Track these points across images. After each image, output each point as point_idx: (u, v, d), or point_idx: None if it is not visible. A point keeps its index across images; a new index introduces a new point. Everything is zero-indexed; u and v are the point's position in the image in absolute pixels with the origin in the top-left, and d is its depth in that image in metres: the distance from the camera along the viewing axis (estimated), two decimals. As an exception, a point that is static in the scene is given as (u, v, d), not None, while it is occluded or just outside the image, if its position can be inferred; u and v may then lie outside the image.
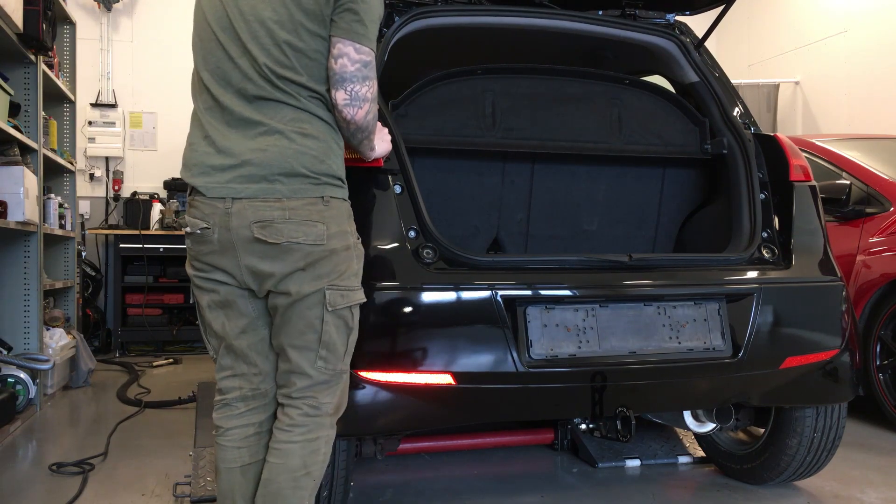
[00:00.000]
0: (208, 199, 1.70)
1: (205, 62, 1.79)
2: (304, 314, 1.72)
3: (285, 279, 1.70)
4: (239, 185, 1.68)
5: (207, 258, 1.74)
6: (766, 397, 2.39)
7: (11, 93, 3.78)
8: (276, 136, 1.69)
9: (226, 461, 1.81)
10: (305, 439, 1.75)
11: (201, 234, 1.71)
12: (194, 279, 1.79)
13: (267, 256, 1.69)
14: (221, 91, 1.75)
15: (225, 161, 1.70)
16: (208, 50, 1.79)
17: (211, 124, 1.75)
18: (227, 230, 1.69)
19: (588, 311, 2.20)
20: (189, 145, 1.78)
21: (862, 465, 3.08)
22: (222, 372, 1.84)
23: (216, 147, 1.72)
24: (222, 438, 1.82)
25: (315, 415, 1.77)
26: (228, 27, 1.75)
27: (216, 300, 1.77)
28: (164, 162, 6.57)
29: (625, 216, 2.86)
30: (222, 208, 1.68)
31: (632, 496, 2.74)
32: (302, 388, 1.76)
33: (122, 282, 6.06)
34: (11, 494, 2.75)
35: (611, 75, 2.81)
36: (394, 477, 2.93)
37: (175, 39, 6.62)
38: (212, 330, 1.82)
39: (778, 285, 2.35)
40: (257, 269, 1.70)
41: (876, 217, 3.78)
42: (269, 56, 1.70)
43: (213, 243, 1.71)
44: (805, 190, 2.54)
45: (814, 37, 6.56)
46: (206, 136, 1.74)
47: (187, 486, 2.70)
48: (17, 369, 3.79)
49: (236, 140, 1.70)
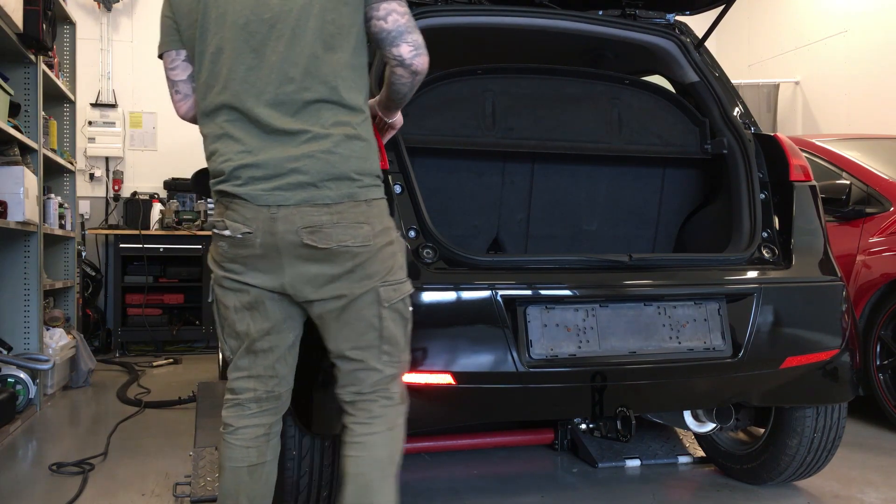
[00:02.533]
0: (251, 204, 1.68)
1: (230, 69, 1.71)
2: (362, 314, 1.73)
3: (336, 283, 1.70)
4: (287, 192, 1.67)
5: (245, 260, 1.72)
6: (766, 397, 2.39)
7: (11, 93, 3.78)
8: (321, 141, 1.68)
9: (233, 460, 1.81)
10: (387, 429, 1.78)
11: (242, 238, 1.69)
12: (222, 280, 1.77)
13: (315, 261, 1.68)
14: (254, 101, 1.69)
15: (268, 171, 1.67)
16: (235, 56, 1.70)
17: (243, 136, 1.70)
18: (271, 235, 1.67)
19: (588, 311, 2.20)
20: (219, 156, 1.73)
21: (862, 465, 3.08)
22: (238, 372, 1.83)
23: (255, 158, 1.68)
24: (231, 437, 1.81)
25: (391, 405, 1.79)
26: (261, 28, 1.69)
27: (245, 301, 1.76)
28: (164, 162, 6.58)
29: (625, 216, 2.86)
30: (267, 213, 1.67)
31: (632, 496, 2.74)
32: (373, 384, 1.77)
33: (122, 282, 6.06)
34: (11, 494, 2.75)
35: (611, 75, 2.81)
36: (394, 477, 2.93)
37: (175, 39, 6.63)
38: (233, 331, 1.80)
39: (778, 285, 2.35)
40: (304, 273, 1.69)
41: (876, 217, 3.78)
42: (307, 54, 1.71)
43: (255, 247, 1.70)
44: (805, 190, 2.55)
45: (814, 37, 6.56)
46: (243, 151, 1.69)
47: (187, 486, 2.70)
48: (17, 369, 3.78)
49: (278, 150, 1.68)
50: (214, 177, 1.75)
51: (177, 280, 6.21)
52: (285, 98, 1.68)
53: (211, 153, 1.76)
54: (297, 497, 2.11)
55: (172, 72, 1.84)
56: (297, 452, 2.06)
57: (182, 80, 1.83)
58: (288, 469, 2.07)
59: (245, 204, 1.69)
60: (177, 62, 1.82)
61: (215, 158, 1.74)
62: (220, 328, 1.85)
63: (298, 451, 2.06)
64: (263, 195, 1.67)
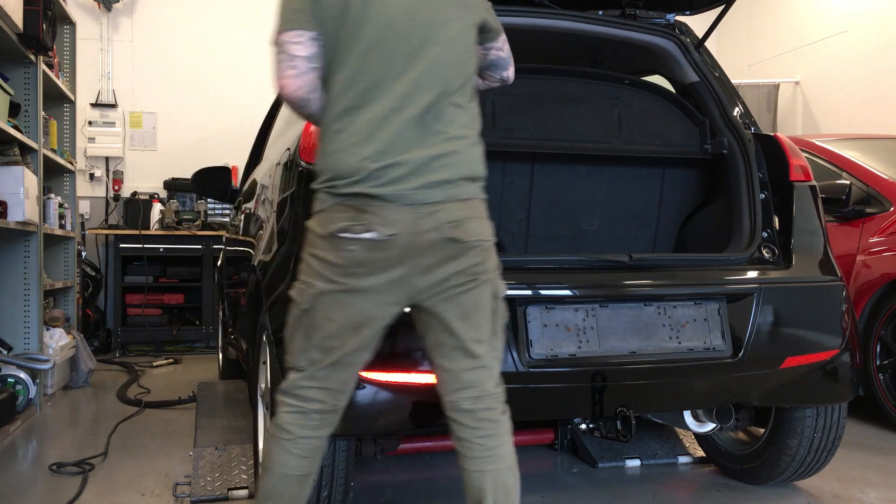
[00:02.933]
0: (394, 204, 1.68)
1: (383, 69, 1.73)
2: (480, 305, 1.78)
3: (465, 276, 1.74)
4: (431, 190, 1.71)
5: (375, 265, 1.69)
6: (766, 397, 2.39)
7: (11, 93, 3.78)
8: (455, 142, 1.76)
9: (286, 467, 1.78)
10: (508, 432, 1.83)
11: (384, 241, 1.68)
12: (335, 293, 1.71)
13: (451, 257, 1.72)
14: (400, 102, 1.72)
15: (411, 170, 1.70)
16: (389, 57, 1.74)
17: (386, 135, 1.71)
18: (415, 234, 1.69)
19: (588, 311, 2.20)
20: (351, 155, 1.70)
21: (862, 465, 3.08)
22: (311, 381, 1.78)
23: (398, 158, 1.70)
24: (291, 445, 1.78)
25: (506, 409, 1.84)
26: (414, 34, 1.76)
27: (354, 320, 1.72)
28: (164, 162, 6.58)
29: (625, 216, 2.86)
30: (411, 213, 1.68)
31: (632, 496, 2.74)
32: (491, 385, 1.81)
33: (122, 282, 6.06)
34: (11, 494, 2.75)
35: (611, 75, 2.81)
36: (394, 477, 2.93)
37: (175, 39, 6.63)
38: (325, 346, 1.74)
39: (778, 285, 2.35)
40: (438, 270, 1.72)
41: (876, 217, 3.78)
42: (455, 58, 1.80)
43: (394, 249, 1.68)
44: (805, 190, 2.55)
45: (814, 37, 6.56)
46: (382, 151, 1.70)
47: (187, 486, 2.70)
48: (17, 369, 3.79)
49: (421, 150, 1.72)
50: (341, 178, 1.69)
51: (177, 280, 6.21)
52: (430, 102, 1.74)
53: (335, 151, 1.71)
54: (297, 497, 2.11)
55: (296, 46, 1.73)
56: (298, 452, 2.06)
57: (302, 57, 1.73)
58: (288, 469, 2.07)
59: (386, 205, 1.68)
60: (303, 39, 1.73)
61: (344, 157, 1.70)
62: (303, 338, 1.76)
63: (298, 451, 2.06)
64: (408, 194, 1.69)
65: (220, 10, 6.72)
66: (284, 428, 1.79)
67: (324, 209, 1.73)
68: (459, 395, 1.79)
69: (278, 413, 1.80)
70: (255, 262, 2.55)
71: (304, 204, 2.12)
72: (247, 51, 6.69)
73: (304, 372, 1.78)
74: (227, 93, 6.62)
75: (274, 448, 1.80)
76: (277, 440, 1.79)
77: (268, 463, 1.81)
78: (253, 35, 6.74)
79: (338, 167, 1.70)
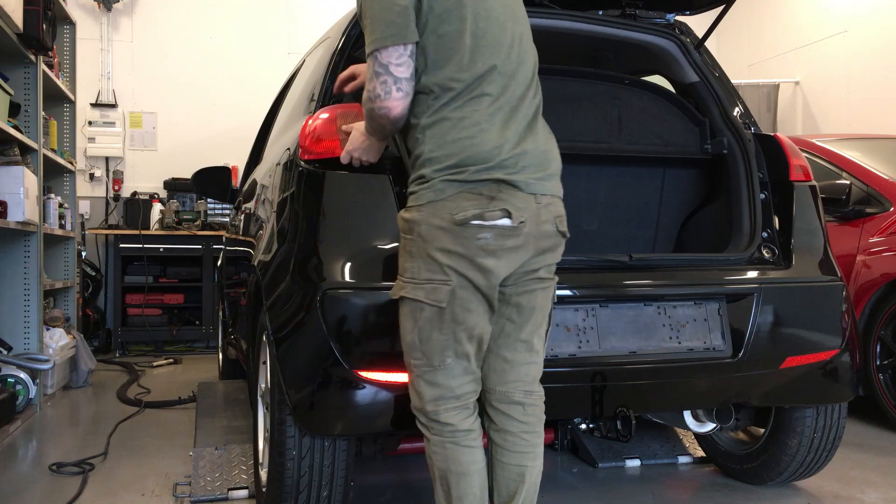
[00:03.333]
0: (522, 192, 1.70)
1: (493, 56, 1.76)
2: (547, 305, 1.86)
3: (547, 272, 1.82)
4: (547, 182, 1.76)
5: (501, 253, 1.69)
6: (766, 397, 2.39)
7: (11, 93, 3.78)
8: (550, 139, 1.84)
9: (477, 462, 1.77)
10: (543, 429, 1.87)
11: (515, 229, 1.69)
12: (469, 285, 1.69)
13: (550, 249, 1.79)
14: (513, 89, 1.77)
15: (534, 161, 1.74)
16: (497, 47, 1.78)
17: (509, 125, 1.74)
18: (536, 224, 1.73)
19: (588, 311, 2.20)
20: (482, 143, 1.69)
21: (862, 465, 3.08)
22: (466, 376, 1.77)
23: (523, 148, 1.73)
24: (472, 440, 1.77)
25: (543, 402, 1.88)
26: (509, 26, 1.82)
27: (485, 302, 1.73)
28: (164, 162, 6.58)
29: (625, 216, 2.86)
30: (534, 201, 1.72)
31: (632, 496, 2.74)
32: (538, 384, 1.85)
33: (122, 282, 6.06)
34: (11, 494, 2.75)
35: (611, 75, 2.81)
36: (394, 477, 2.93)
37: (175, 39, 6.63)
38: (472, 335, 1.73)
39: (778, 285, 2.35)
40: (534, 260, 1.77)
41: (876, 217, 3.78)
42: (534, 54, 1.87)
43: (520, 237, 1.70)
44: (805, 190, 2.54)
45: (814, 37, 6.56)
46: (508, 141, 1.71)
47: (187, 486, 2.70)
48: (17, 369, 3.79)
49: (535, 142, 1.77)
50: (472, 164, 1.67)
51: (177, 280, 6.21)
52: (531, 98, 1.81)
53: (463, 138, 1.68)
54: (297, 497, 2.11)
55: (399, 68, 1.68)
56: (297, 452, 2.06)
57: (406, 78, 1.69)
58: (288, 469, 2.07)
59: (515, 193, 1.69)
60: (404, 57, 1.69)
61: (476, 144, 1.68)
62: (444, 335, 1.72)
63: (298, 451, 2.06)
64: (534, 183, 1.72)
65: (219, 10, 6.72)
66: (465, 429, 1.76)
67: (443, 199, 1.67)
68: (514, 386, 1.81)
69: (438, 423, 1.75)
70: (255, 262, 2.55)
71: (305, 204, 2.12)
72: (247, 51, 6.70)
73: (460, 367, 1.74)
74: (227, 93, 6.63)
75: (459, 453, 1.75)
76: (458, 445, 1.75)
77: (459, 469, 1.75)
78: (253, 35, 6.75)
79: (468, 153, 1.67)
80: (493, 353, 1.82)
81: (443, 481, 1.78)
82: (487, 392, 1.84)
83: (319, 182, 2.08)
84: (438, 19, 1.71)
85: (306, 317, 2.00)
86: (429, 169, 1.69)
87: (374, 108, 1.73)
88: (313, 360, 2.00)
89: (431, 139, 1.70)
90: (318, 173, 2.09)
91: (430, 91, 1.72)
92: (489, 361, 1.83)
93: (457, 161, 1.67)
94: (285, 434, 2.06)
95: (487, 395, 1.84)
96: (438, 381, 1.75)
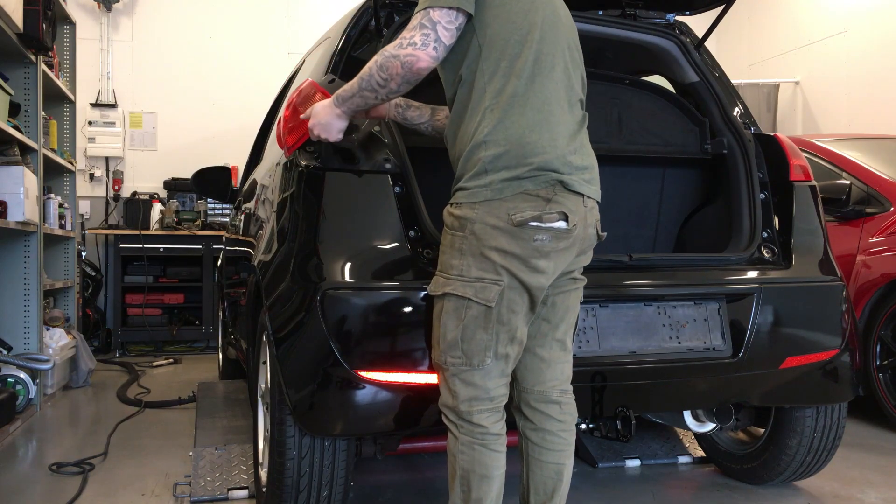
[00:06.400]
0: (574, 194, 1.72)
1: (552, 55, 1.79)
2: (577, 307, 1.90)
3: (580, 273, 1.87)
4: (593, 186, 1.79)
5: (553, 255, 1.70)
6: (766, 397, 2.39)
7: (11, 93, 3.78)
8: (588, 140, 1.85)
9: (500, 467, 1.77)
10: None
11: (568, 231, 1.70)
12: (520, 286, 1.69)
13: (586, 251, 1.84)
14: (564, 89, 1.79)
15: (582, 164, 1.76)
16: (554, 44, 1.80)
17: (563, 121, 1.76)
18: (585, 227, 1.76)
19: (588, 311, 2.20)
20: (545, 141, 1.69)
21: (862, 465, 3.09)
22: (502, 378, 1.76)
23: (573, 147, 1.75)
24: (500, 445, 1.77)
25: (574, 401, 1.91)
26: (564, 23, 1.87)
27: (529, 305, 1.73)
28: (164, 162, 6.58)
29: (625, 216, 2.86)
30: (582, 204, 1.74)
31: (632, 496, 2.74)
32: (570, 375, 1.88)
33: (122, 282, 6.06)
34: (11, 494, 2.75)
35: (611, 75, 2.81)
36: (394, 477, 2.93)
37: (175, 39, 6.63)
38: (513, 336, 1.73)
39: (778, 285, 2.35)
40: (577, 262, 1.81)
41: (876, 217, 3.78)
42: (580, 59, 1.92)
43: (570, 239, 1.72)
44: (805, 190, 2.54)
45: (814, 37, 6.56)
46: (568, 140, 1.75)
47: (187, 486, 2.70)
48: (17, 369, 3.79)
49: (580, 141, 1.80)
50: (526, 164, 1.66)
51: (177, 280, 6.21)
52: (579, 104, 1.83)
53: (521, 135, 1.67)
54: (297, 497, 2.11)
55: (445, 30, 1.67)
56: (297, 452, 2.06)
57: (445, 45, 1.68)
58: (288, 469, 2.07)
59: (568, 195, 1.70)
60: (455, 25, 1.68)
61: (540, 145, 1.68)
62: (489, 335, 1.71)
63: (298, 451, 2.06)
64: (585, 185, 1.74)
65: (219, 10, 6.72)
66: (495, 433, 1.75)
67: (501, 198, 1.66)
68: (551, 384, 1.83)
69: (470, 423, 1.75)
70: (255, 262, 2.55)
71: (305, 204, 2.12)
72: (247, 51, 6.70)
73: (498, 370, 1.74)
74: (227, 93, 6.63)
75: (486, 457, 1.75)
76: (487, 448, 1.75)
77: (483, 472, 1.75)
78: (253, 36, 6.75)
79: (527, 152, 1.67)
80: (529, 352, 1.83)
81: (464, 481, 1.77)
82: (524, 392, 1.84)
83: (319, 182, 2.08)
84: (503, 11, 1.76)
85: (306, 317, 2.00)
86: (485, 165, 1.68)
87: (400, 56, 1.67)
88: (313, 360, 1.99)
89: (490, 136, 1.69)
90: (318, 173, 2.09)
91: (490, 82, 1.72)
92: (525, 361, 1.84)
93: (516, 162, 1.67)
94: (285, 434, 2.06)
95: (524, 394, 1.84)
96: (475, 382, 1.73)
